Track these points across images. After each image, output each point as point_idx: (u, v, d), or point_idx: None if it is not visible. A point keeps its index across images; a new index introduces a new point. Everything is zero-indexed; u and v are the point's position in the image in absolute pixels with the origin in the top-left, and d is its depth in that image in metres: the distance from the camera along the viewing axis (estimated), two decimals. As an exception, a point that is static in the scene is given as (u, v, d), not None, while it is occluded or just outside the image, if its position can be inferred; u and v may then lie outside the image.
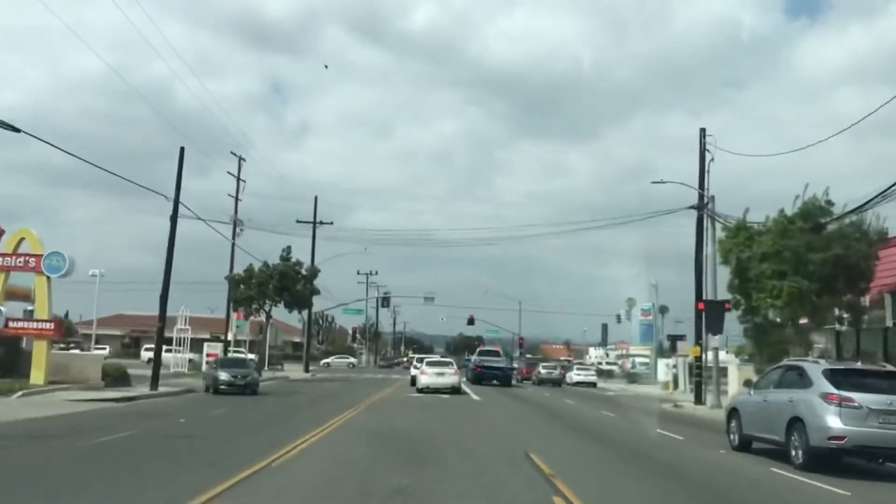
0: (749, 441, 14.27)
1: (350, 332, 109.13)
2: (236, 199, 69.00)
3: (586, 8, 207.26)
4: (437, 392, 32.19)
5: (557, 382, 50.75)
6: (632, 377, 62.94)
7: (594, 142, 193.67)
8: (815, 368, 12.83)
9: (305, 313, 64.37)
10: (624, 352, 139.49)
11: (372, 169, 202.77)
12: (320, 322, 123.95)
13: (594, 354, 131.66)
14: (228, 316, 69.32)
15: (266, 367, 61.98)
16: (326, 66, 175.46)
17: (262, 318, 47.70)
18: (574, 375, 53.90)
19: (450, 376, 33.21)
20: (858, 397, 11.70)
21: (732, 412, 15.13)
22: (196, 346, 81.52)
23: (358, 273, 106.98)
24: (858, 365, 13.79)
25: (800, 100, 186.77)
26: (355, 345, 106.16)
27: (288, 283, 45.50)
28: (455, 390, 33.00)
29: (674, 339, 49.73)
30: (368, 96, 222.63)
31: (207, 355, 46.68)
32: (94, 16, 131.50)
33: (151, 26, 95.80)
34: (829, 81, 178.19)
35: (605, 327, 69.87)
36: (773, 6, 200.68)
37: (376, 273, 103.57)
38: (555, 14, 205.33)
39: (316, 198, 62.92)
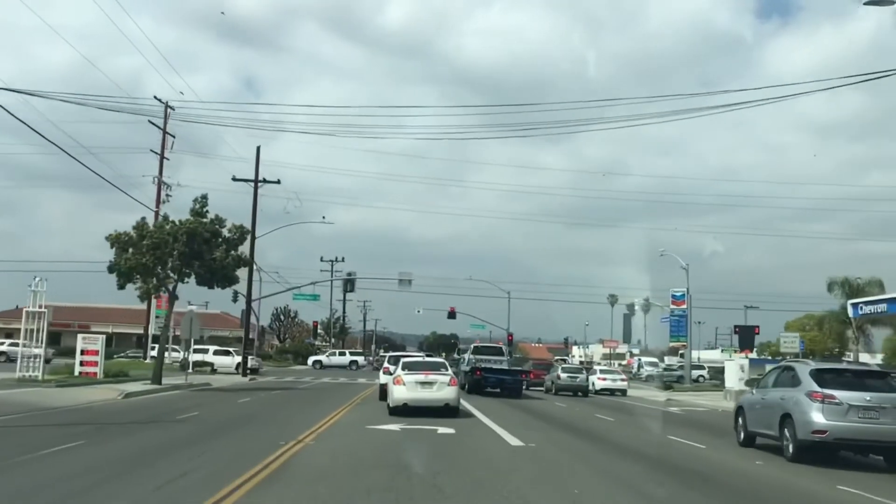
0: (753, 437, 14.95)
1: (312, 326, 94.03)
2: (161, 155, 54.61)
3: (563, 6, 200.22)
4: (424, 412, 18.46)
5: (583, 391, 36.83)
6: (666, 382, 49.18)
7: (568, 140, 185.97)
8: (803, 368, 13.79)
9: (248, 299, 50.19)
10: (612, 350, 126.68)
11: (345, 165, 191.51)
12: (282, 318, 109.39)
13: (578, 355, 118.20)
14: (150, 304, 54.50)
15: (190, 370, 47.51)
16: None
17: (167, 297, 33.11)
18: (597, 381, 40.04)
19: (443, 388, 19.36)
20: (840, 394, 12.63)
21: (739, 410, 15.94)
22: (122, 342, 65.55)
23: (322, 260, 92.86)
24: (844, 364, 16.45)
25: (770, 101, 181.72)
26: (317, 342, 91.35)
27: (199, 247, 30.95)
28: (452, 411, 19.30)
29: (745, 330, 35.85)
30: (342, 92, 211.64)
31: (83, 353, 32.11)
32: (61, 9, 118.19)
33: (119, 20, 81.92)
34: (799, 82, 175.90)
35: (627, 319, 55.35)
36: (744, 7, 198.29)
37: (342, 259, 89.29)
38: (532, 12, 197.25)
39: (258, 148, 48.77)
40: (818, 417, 12.55)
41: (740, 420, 15.61)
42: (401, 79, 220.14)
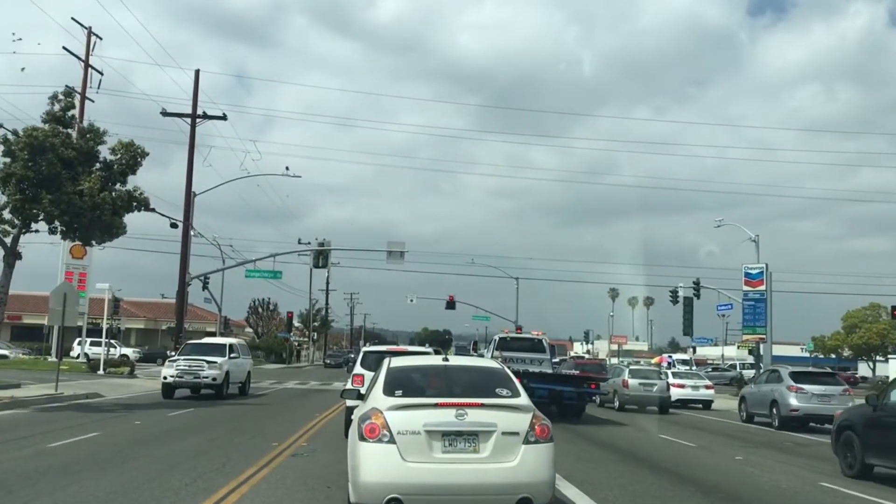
0: (752, 416, 21.90)
1: (286, 318, 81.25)
2: (83, 95, 41.74)
3: (556, 3, 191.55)
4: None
5: (663, 406, 24.43)
6: (742, 385, 36.77)
7: (560, 138, 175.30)
8: (785, 370, 21.39)
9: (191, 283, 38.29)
10: (620, 346, 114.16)
11: (335, 162, 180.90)
12: (260, 311, 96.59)
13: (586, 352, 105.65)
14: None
15: (101, 370, 35.32)
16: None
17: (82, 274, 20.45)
18: (674, 389, 27.45)
19: (512, 447, 6.21)
20: (807, 387, 20.01)
21: (741, 399, 23.36)
22: (69, 335, 52.61)
23: (299, 242, 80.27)
24: (811, 368, 25.09)
25: (762, 98, 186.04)
26: (291, 336, 78.77)
27: (55, 171, 18.48)
28: None
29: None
30: (333, 88, 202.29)
31: None
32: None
33: (107, 12, 69.91)
34: (791, 80, 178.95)
35: (688, 303, 42.34)
36: (737, 4, 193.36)
37: (324, 240, 76.49)
38: (525, 9, 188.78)
39: (197, 72, 36.40)
40: (794, 401, 19.75)
41: (743, 405, 22.81)
42: (393, 75, 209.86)
